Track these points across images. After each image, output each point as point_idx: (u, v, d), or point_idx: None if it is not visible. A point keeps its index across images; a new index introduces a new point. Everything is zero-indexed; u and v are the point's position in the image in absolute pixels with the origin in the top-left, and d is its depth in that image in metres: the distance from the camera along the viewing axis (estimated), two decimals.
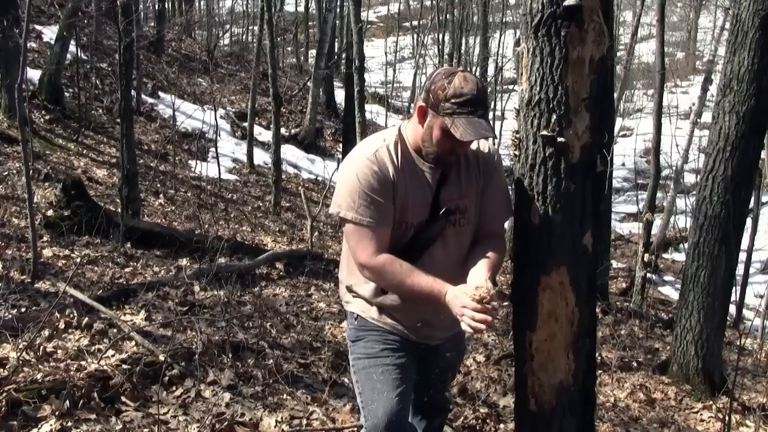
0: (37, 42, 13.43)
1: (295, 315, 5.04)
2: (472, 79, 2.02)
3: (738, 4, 4.60)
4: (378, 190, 2.06)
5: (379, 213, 2.07)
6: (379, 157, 2.09)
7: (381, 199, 2.07)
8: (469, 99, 1.98)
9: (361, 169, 2.07)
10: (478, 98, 2.00)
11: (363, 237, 2.08)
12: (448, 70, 2.04)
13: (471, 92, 1.99)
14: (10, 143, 8.94)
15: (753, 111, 4.53)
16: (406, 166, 2.12)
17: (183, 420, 3.02)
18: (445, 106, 2.00)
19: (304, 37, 26.24)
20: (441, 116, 2.01)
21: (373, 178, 2.06)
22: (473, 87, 2.00)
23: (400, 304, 2.20)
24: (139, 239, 6.12)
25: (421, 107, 2.07)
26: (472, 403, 3.86)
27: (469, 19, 18.30)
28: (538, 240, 2.15)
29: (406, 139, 2.15)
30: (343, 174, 2.13)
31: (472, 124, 1.98)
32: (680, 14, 32.16)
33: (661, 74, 10.08)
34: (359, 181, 2.06)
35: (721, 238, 4.69)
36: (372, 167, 2.07)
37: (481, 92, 2.02)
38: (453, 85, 1.99)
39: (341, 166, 2.20)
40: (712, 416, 4.44)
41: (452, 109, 1.99)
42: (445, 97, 1.99)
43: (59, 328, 3.73)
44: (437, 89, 2.01)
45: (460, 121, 1.98)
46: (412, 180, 2.12)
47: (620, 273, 11.96)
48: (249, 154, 13.59)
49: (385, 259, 2.08)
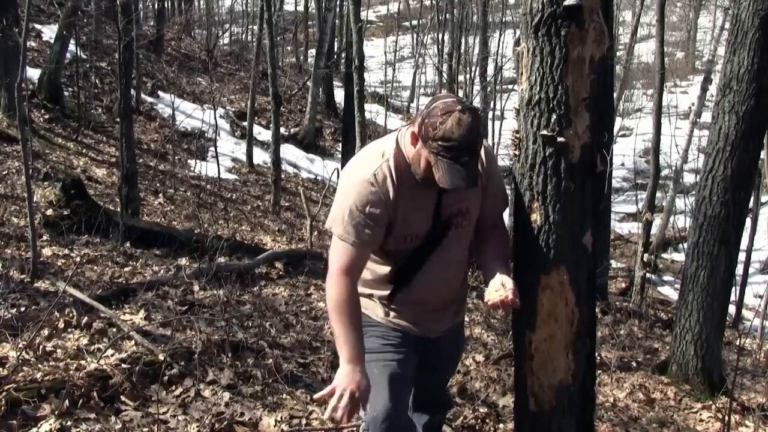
0: (37, 41, 13.42)
1: (295, 314, 5.03)
2: (467, 123, 1.96)
3: (738, 4, 4.60)
4: (371, 214, 2.08)
5: (365, 235, 2.09)
6: (378, 178, 2.09)
7: (372, 223, 2.09)
8: (455, 146, 1.96)
9: (360, 191, 2.08)
10: (465, 145, 1.97)
11: (342, 251, 2.12)
12: (447, 106, 1.98)
13: (460, 138, 1.95)
14: (9, 142, 8.94)
15: (753, 111, 4.52)
16: (406, 180, 2.12)
17: (182, 419, 3.02)
18: (432, 145, 1.99)
19: (303, 36, 26.20)
20: (428, 151, 2.01)
21: (369, 201, 2.07)
22: (464, 133, 1.95)
23: (406, 302, 2.24)
24: (138, 238, 6.11)
25: (414, 134, 2.06)
26: (471, 402, 3.86)
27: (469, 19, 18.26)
28: (537, 240, 2.15)
29: (404, 151, 2.14)
30: (342, 190, 2.15)
31: (451, 171, 1.97)
32: (680, 14, 32.15)
33: (661, 74, 10.08)
34: (354, 203, 2.08)
35: (720, 238, 4.68)
36: (370, 189, 2.08)
37: (472, 137, 1.98)
38: (444, 127, 1.96)
39: (342, 177, 2.21)
40: (711, 416, 4.44)
41: (438, 150, 1.98)
42: (434, 136, 1.97)
43: (59, 328, 3.73)
44: (429, 125, 1.99)
45: (442, 164, 1.98)
46: (412, 194, 2.13)
47: (620, 273, 11.97)
48: (248, 154, 13.59)
49: (345, 282, 2.10)
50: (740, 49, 4.51)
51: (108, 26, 14.19)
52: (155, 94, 14.79)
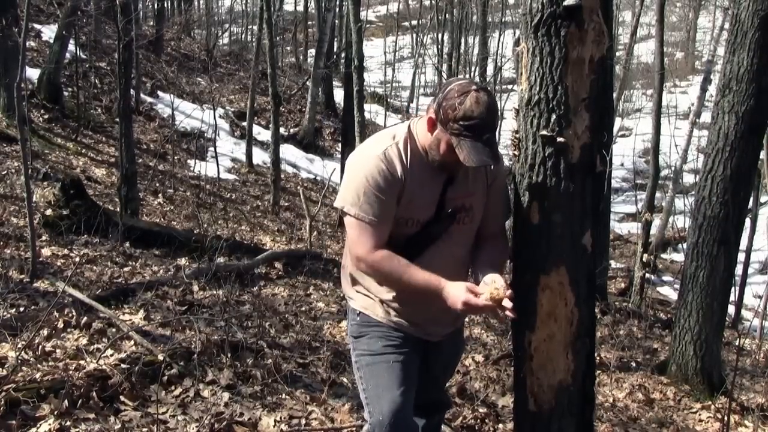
0: (36, 41, 13.41)
1: (294, 315, 5.03)
2: (484, 101, 2.00)
3: (737, 4, 4.60)
4: (384, 189, 2.08)
5: (381, 211, 2.09)
6: (388, 155, 2.10)
7: (385, 198, 2.09)
8: (477, 123, 1.98)
9: (370, 167, 2.09)
10: (487, 122, 2.00)
11: (363, 232, 2.11)
12: (463, 87, 2.02)
13: (480, 116, 1.98)
14: (9, 142, 8.93)
15: (752, 111, 4.52)
16: (415, 164, 2.13)
17: (182, 419, 3.02)
18: (453, 126, 2.00)
19: (303, 36, 26.21)
20: (449, 134, 2.02)
21: (381, 176, 2.08)
22: (484, 110, 1.99)
23: (407, 301, 2.22)
24: (137, 238, 6.11)
25: (431, 119, 2.08)
26: (470, 402, 3.86)
27: (469, 19, 18.29)
28: (537, 240, 2.15)
29: (416, 137, 2.16)
30: (351, 169, 2.15)
31: (476, 149, 1.99)
32: (679, 14, 32.17)
33: (661, 74, 10.09)
34: (366, 179, 2.08)
35: (720, 239, 4.68)
36: (380, 165, 2.09)
37: (492, 115, 2.01)
38: (464, 107, 1.98)
39: (350, 160, 2.21)
40: (710, 416, 4.44)
41: (459, 130, 2.00)
42: (455, 117, 1.99)
43: (58, 328, 3.72)
44: (448, 107, 2.01)
45: (465, 143, 1.99)
46: (421, 178, 2.14)
47: (619, 273, 11.97)
48: (248, 154, 13.59)
49: (382, 254, 2.10)
50: (740, 49, 4.51)
51: (107, 26, 14.18)
52: (155, 94, 14.79)
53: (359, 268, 2.21)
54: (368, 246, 2.11)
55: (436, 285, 2.06)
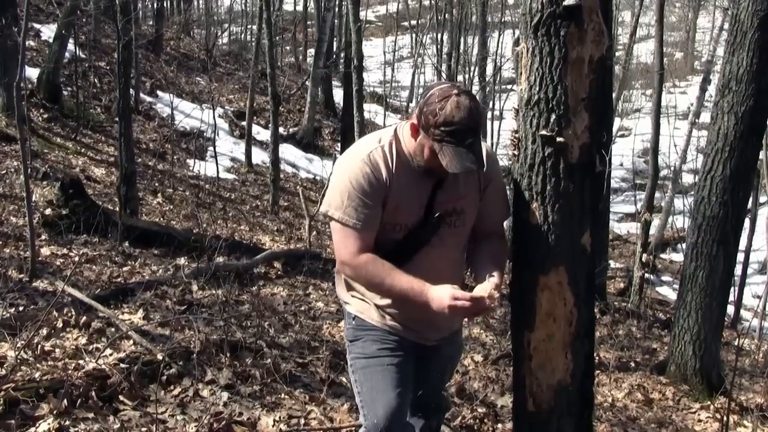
0: (36, 40, 13.41)
1: (293, 314, 5.03)
2: (465, 105, 1.96)
3: (737, 4, 4.60)
4: (368, 193, 2.06)
5: (366, 216, 2.07)
6: (373, 158, 2.09)
7: (370, 202, 2.07)
8: (458, 129, 1.96)
9: (354, 171, 2.08)
10: (469, 127, 1.97)
11: (347, 236, 2.10)
12: (443, 92, 1.99)
13: (461, 121, 1.96)
14: (8, 142, 8.93)
15: (752, 111, 4.53)
16: (401, 168, 2.12)
17: (181, 419, 3.02)
18: (435, 132, 1.98)
19: (302, 36, 26.21)
20: (431, 139, 2.00)
21: (365, 180, 2.06)
22: (465, 115, 1.96)
23: (402, 306, 2.19)
24: (137, 238, 6.10)
25: (414, 125, 2.06)
26: (469, 402, 3.86)
27: (468, 19, 18.29)
28: (536, 240, 2.15)
29: (402, 141, 2.14)
30: (336, 173, 2.14)
31: (459, 155, 1.97)
32: (679, 14, 32.19)
33: (660, 74, 10.10)
34: (350, 183, 2.07)
35: (719, 239, 4.69)
36: (365, 169, 2.07)
37: (474, 119, 1.98)
38: (444, 112, 1.96)
39: (336, 164, 2.21)
40: (709, 416, 4.44)
41: (441, 136, 1.97)
42: (436, 123, 1.97)
43: (57, 327, 3.72)
44: (429, 113, 1.98)
45: (448, 149, 1.97)
46: (407, 182, 2.12)
47: (618, 273, 11.96)
48: (247, 153, 13.58)
49: (366, 258, 2.09)
50: (739, 49, 4.51)
51: (107, 26, 14.19)
52: (154, 93, 14.79)
53: (344, 272, 2.20)
54: (352, 250, 2.09)
55: (420, 289, 2.04)
